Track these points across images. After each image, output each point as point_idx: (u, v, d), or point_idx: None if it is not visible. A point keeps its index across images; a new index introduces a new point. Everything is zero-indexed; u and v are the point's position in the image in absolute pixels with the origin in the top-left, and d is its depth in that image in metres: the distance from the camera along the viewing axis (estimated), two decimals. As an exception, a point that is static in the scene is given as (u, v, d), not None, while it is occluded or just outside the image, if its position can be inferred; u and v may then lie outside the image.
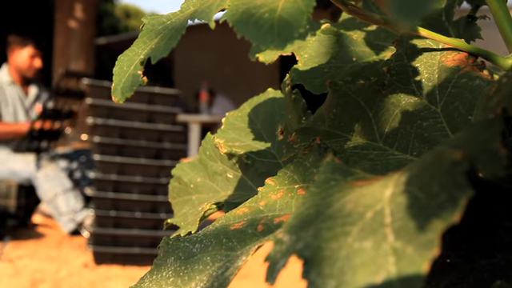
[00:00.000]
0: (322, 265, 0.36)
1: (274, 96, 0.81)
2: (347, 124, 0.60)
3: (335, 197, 0.43)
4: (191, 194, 0.85)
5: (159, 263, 0.58)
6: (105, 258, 3.33)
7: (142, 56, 0.54)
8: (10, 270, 3.04)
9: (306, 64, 0.69)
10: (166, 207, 3.45)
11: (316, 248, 0.37)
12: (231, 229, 0.56)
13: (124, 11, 24.05)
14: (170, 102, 3.54)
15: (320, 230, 0.39)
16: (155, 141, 3.48)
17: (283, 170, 0.58)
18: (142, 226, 3.41)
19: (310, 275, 0.36)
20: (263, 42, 0.46)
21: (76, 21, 8.15)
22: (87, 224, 3.93)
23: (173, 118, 3.54)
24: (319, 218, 0.41)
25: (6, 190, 4.28)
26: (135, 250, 3.37)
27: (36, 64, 4.61)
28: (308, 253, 0.37)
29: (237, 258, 0.52)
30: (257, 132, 0.79)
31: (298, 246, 0.39)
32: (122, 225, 3.39)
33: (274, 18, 0.46)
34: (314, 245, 0.38)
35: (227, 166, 0.80)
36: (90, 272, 3.15)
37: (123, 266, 3.32)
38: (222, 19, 0.48)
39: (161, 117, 3.50)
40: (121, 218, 3.38)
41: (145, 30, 0.57)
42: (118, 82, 0.55)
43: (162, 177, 3.46)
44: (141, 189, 3.42)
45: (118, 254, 3.34)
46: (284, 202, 0.56)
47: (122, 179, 3.39)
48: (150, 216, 3.42)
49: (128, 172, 3.42)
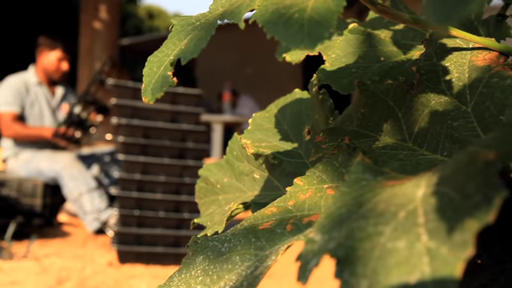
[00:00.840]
0: (355, 264, 0.36)
1: (301, 96, 0.81)
2: (376, 124, 0.60)
3: (366, 196, 0.43)
4: (218, 194, 0.85)
5: (188, 262, 0.58)
6: (129, 257, 3.35)
7: (172, 57, 0.54)
8: (37, 267, 3.07)
9: (334, 64, 0.69)
10: (189, 207, 3.45)
11: (349, 248, 0.37)
12: (260, 228, 0.56)
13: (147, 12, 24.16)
14: (194, 102, 3.54)
15: (352, 230, 0.39)
16: (179, 141, 3.49)
17: (312, 170, 0.58)
18: (165, 226, 3.42)
19: (343, 274, 0.36)
20: (293, 42, 0.46)
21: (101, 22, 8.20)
22: (111, 223, 3.96)
23: (196, 118, 3.55)
24: (351, 217, 0.41)
25: (32, 189, 4.32)
26: (159, 249, 3.38)
27: (63, 67, 4.66)
28: (341, 252, 0.37)
29: (266, 258, 0.52)
30: (284, 132, 0.79)
31: (330, 245, 0.39)
32: (145, 224, 3.40)
33: (303, 18, 0.46)
34: (347, 244, 0.38)
35: (254, 167, 0.81)
36: (115, 270, 3.17)
37: (147, 264, 3.34)
38: (252, 20, 0.48)
39: (184, 117, 3.51)
40: (144, 217, 3.39)
41: (174, 31, 0.58)
42: (147, 83, 0.55)
43: (185, 176, 3.47)
44: (164, 188, 3.44)
45: (142, 253, 3.36)
46: (313, 201, 0.56)
47: (145, 179, 3.41)
48: (173, 215, 3.42)
49: (152, 172, 3.43)
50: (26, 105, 4.59)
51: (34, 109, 4.61)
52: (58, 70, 4.64)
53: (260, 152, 0.77)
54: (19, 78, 4.64)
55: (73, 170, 4.25)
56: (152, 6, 26.36)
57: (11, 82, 4.61)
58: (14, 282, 2.77)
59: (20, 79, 4.64)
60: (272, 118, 0.82)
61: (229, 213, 0.75)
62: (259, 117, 0.85)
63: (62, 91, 4.78)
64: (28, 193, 4.30)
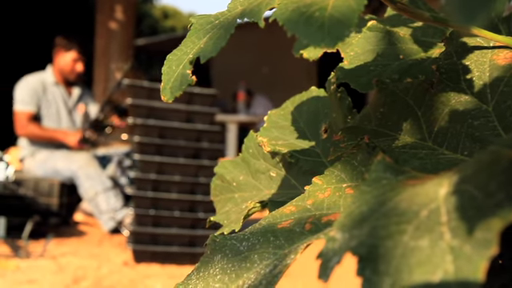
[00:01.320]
0: (377, 262, 0.36)
1: (318, 94, 0.80)
2: (395, 123, 0.60)
3: (388, 195, 0.42)
4: (234, 192, 0.85)
5: (206, 260, 0.58)
6: (144, 257, 3.36)
7: (191, 55, 0.54)
8: (53, 266, 3.09)
9: (352, 62, 0.69)
10: (204, 206, 3.46)
11: (371, 246, 0.37)
12: (278, 227, 0.56)
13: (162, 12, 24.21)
14: (209, 101, 3.55)
15: (374, 228, 0.39)
16: (194, 140, 3.50)
17: (330, 169, 0.58)
18: (180, 225, 3.43)
19: (366, 272, 0.36)
20: (314, 40, 0.46)
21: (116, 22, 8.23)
22: (127, 222, 3.97)
23: (211, 118, 3.55)
24: (372, 216, 0.40)
25: (49, 188, 4.34)
26: (174, 248, 3.39)
27: (78, 68, 4.68)
28: (363, 250, 0.37)
29: (285, 257, 0.52)
30: (300, 130, 0.79)
31: (351, 243, 0.39)
32: (161, 224, 3.41)
33: (324, 16, 0.46)
34: (369, 243, 0.37)
35: (270, 165, 0.80)
36: (130, 270, 3.18)
37: (162, 264, 3.34)
38: (272, 18, 0.48)
39: (199, 117, 3.51)
40: (160, 216, 3.40)
41: (193, 30, 0.58)
42: (166, 82, 0.55)
43: (200, 176, 3.48)
44: (179, 188, 3.44)
45: (157, 253, 3.37)
46: (332, 200, 0.56)
47: (161, 178, 3.41)
48: (188, 215, 3.43)
49: (167, 171, 3.44)
50: (43, 104, 4.61)
51: (50, 109, 4.64)
52: (72, 71, 4.67)
53: (276, 150, 0.76)
54: (36, 78, 4.67)
55: (89, 169, 4.27)
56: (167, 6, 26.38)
57: (28, 81, 4.64)
58: (31, 281, 2.79)
59: (37, 79, 4.67)
60: (288, 115, 0.82)
61: (246, 211, 0.75)
62: (275, 114, 0.84)
63: (78, 91, 4.81)
64: (44, 192, 4.32)
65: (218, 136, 3.58)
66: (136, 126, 3.44)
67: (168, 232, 3.39)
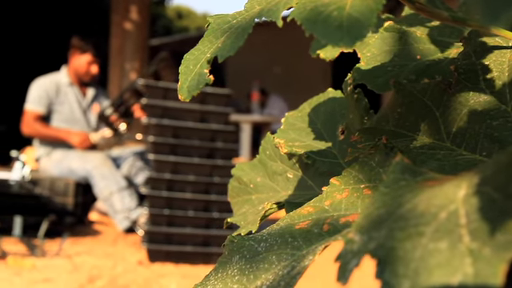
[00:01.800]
0: (396, 265, 0.36)
1: (335, 96, 0.80)
2: (413, 123, 0.59)
3: (406, 197, 0.42)
4: (251, 194, 0.85)
5: (224, 261, 0.58)
6: (158, 256, 3.36)
7: (209, 55, 0.54)
8: (69, 265, 3.10)
9: (369, 63, 0.69)
10: (218, 206, 3.46)
11: (389, 248, 0.37)
12: (296, 228, 0.56)
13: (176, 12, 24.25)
14: (223, 101, 3.55)
15: (392, 230, 0.38)
16: (208, 140, 3.50)
17: (348, 170, 0.57)
18: (194, 225, 3.43)
19: (384, 275, 0.36)
20: (332, 40, 0.45)
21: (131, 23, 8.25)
22: (141, 222, 3.98)
23: (225, 118, 3.56)
24: (391, 218, 0.40)
25: (64, 187, 4.36)
26: (188, 248, 3.40)
27: (93, 71, 4.71)
28: (381, 253, 0.37)
29: (303, 258, 0.52)
30: (317, 132, 0.79)
31: (370, 245, 0.38)
32: (175, 223, 3.41)
33: (342, 15, 0.46)
34: (387, 245, 0.37)
35: (287, 166, 0.80)
36: (145, 269, 3.19)
37: (176, 263, 3.35)
38: (290, 18, 0.48)
39: (214, 116, 3.52)
40: (174, 216, 3.41)
41: (210, 29, 0.58)
42: (184, 81, 0.55)
43: (214, 176, 3.48)
44: (194, 188, 3.45)
45: (172, 252, 3.37)
46: (350, 201, 0.55)
47: (175, 178, 3.42)
48: (202, 215, 3.44)
49: (181, 171, 3.44)
50: (56, 105, 4.64)
51: (64, 109, 4.66)
52: (87, 73, 4.69)
53: (293, 151, 0.76)
54: (50, 79, 4.70)
55: (103, 169, 4.28)
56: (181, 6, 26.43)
57: (42, 82, 4.67)
58: (46, 279, 2.80)
59: (51, 80, 4.69)
60: (305, 117, 0.82)
61: (262, 212, 0.75)
62: (292, 116, 0.84)
63: (93, 92, 4.83)
64: (60, 192, 4.34)
65: (232, 136, 3.58)
66: (151, 126, 3.45)
67: (182, 232, 3.40)
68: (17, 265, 3.02)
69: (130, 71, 8.21)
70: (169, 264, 3.33)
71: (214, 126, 3.50)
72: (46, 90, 4.62)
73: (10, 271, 2.90)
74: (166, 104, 3.45)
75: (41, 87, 4.64)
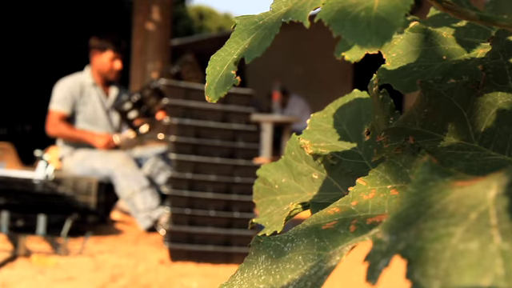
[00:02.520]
0: (426, 265, 0.36)
1: (360, 96, 0.80)
2: (440, 124, 0.59)
3: (435, 197, 0.42)
4: (276, 195, 0.85)
5: (250, 261, 0.58)
6: (180, 255, 3.37)
7: (235, 56, 0.54)
8: (92, 264, 3.12)
9: (394, 63, 0.68)
10: (239, 206, 3.46)
11: (419, 249, 0.37)
12: (322, 228, 0.56)
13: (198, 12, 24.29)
14: (245, 101, 3.55)
15: (422, 231, 0.38)
16: (229, 140, 3.51)
17: (374, 171, 0.57)
18: (215, 224, 3.44)
19: (414, 275, 0.36)
20: (360, 40, 0.45)
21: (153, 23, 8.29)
22: (163, 221, 4.00)
23: (247, 118, 3.55)
24: (420, 218, 0.40)
25: (87, 187, 4.39)
26: (209, 247, 3.40)
27: (116, 66, 4.72)
28: (411, 253, 0.37)
29: (330, 258, 0.52)
30: (342, 132, 0.79)
31: (399, 246, 0.38)
32: (196, 223, 3.42)
33: (370, 16, 0.46)
34: (417, 245, 0.37)
35: (312, 167, 0.80)
36: (166, 268, 3.20)
37: (197, 263, 3.36)
38: (317, 18, 0.48)
39: (235, 116, 3.52)
40: (195, 216, 3.41)
41: (237, 30, 0.58)
42: (211, 82, 0.55)
43: (235, 176, 3.48)
44: (215, 187, 3.45)
45: (193, 252, 3.38)
46: (376, 202, 0.55)
47: (196, 178, 3.43)
48: (223, 214, 3.44)
49: (203, 171, 3.45)
50: (80, 106, 4.67)
51: (87, 110, 4.69)
52: (111, 70, 4.72)
53: (318, 152, 0.76)
54: (74, 80, 4.74)
55: (126, 168, 4.30)
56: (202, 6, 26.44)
57: (66, 82, 4.71)
58: (69, 278, 2.82)
59: (75, 80, 4.73)
60: (330, 118, 0.82)
61: (287, 213, 0.75)
62: (317, 117, 0.84)
63: (116, 92, 4.86)
64: (83, 191, 4.37)
65: (253, 136, 3.58)
66: (172, 126, 3.46)
67: (203, 231, 3.40)
68: (40, 263, 3.04)
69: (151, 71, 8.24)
70: (190, 263, 3.34)
71: (235, 126, 3.50)
72: (70, 91, 4.66)
73: (34, 269, 2.92)
74: (187, 104, 3.45)
75: (65, 88, 4.68)
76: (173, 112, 3.47)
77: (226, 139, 3.50)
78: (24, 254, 3.15)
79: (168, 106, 3.48)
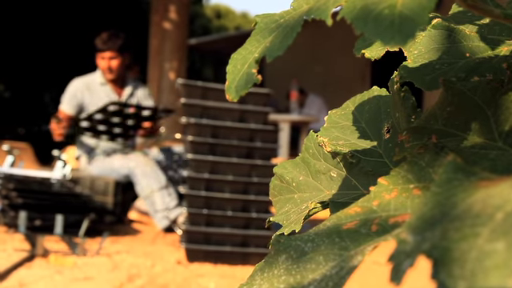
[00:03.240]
0: (451, 266, 0.35)
1: (380, 94, 0.79)
2: (463, 123, 0.58)
3: (460, 197, 0.42)
4: (293, 193, 0.84)
5: (270, 261, 0.57)
6: (197, 256, 3.37)
7: (257, 54, 0.54)
8: (109, 264, 3.13)
9: (416, 60, 0.68)
10: (256, 206, 3.45)
11: (445, 249, 0.36)
12: (344, 228, 0.55)
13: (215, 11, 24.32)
14: (262, 101, 3.54)
15: (447, 231, 0.38)
16: (247, 140, 3.50)
17: (396, 170, 0.57)
18: (233, 225, 3.43)
19: (440, 276, 0.35)
20: (383, 38, 0.45)
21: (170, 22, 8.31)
22: (180, 221, 4.00)
23: (264, 117, 3.55)
24: (445, 218, 0.39)
25: (104, 186, 4.41)
26: (226, 248, 3.39)
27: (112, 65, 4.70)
28: (436, 253, 0.36)
29: (351, 258, 0.51)
30: (362, 130, 0.78)
31: (424, 246, 0.38)
32: (213, 223, 3.42)
33: (394, 13, 0.45)
34: (442, 245, 0.37)
35: (331, 165, 0.79)
36: (183, 269, 3.20)
37: (215, 263, 3.35)
38: (340, 16, 0.48)
39: (253, 116, 3.51)
40: (213, 216, 3.41)
41: (258, 29, 0.57)
42: (231, 80, 0.55)
43: (253, 176, 3.47)
44: (232, 187, 3.45)
45: (210, 252, 3.38)
46: (399, 202, 0.55)
47: (214, 178, 3.42)
48: (241, 215, 3.43)
49: (220, 171, 3.44)
50: (89, 106, 4.69)
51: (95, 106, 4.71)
52: (108, 69, 4.70)
53: (337, 150, 0.76)
54: (83, 80, 4.77)
55: (146, 167, 4.31)
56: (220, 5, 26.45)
57: (74, 83, 4.76)
58: (87, 278, 2.83)
59: (84, 81, 4.76)
60: (349, 115, 0.81)
61: (306, 212, 0.75)
62: (335, 114, 0.84)
63: (129, 90, 4.86)
64: (100, 190, 4.39)
65: (271, 135, 3.56)
66: (189, 125, 3.46)
67: (220, 231, 3.39)
68: (58, 263, 3.06)
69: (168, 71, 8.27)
70: (207, 264, 3.34)
71: (252, 126, 3.49)
72: (75, 92, 4.70)
73: (52, 269, 2.94)
74: (204, 103, 3.45)
75: (72, 89, 4.74)
76: (190, 111, 3.46)
77: (244, 139, 3.49)
78: (42, 254, 3.17)
79: (185, 106, 3.48)
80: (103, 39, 4.68)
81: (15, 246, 3.30)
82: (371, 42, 0.72)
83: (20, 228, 3.49)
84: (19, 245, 3.41)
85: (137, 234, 4.19)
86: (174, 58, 8.33)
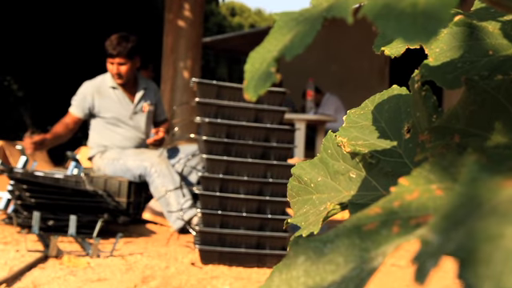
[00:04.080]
0: (478, 266, 0.35)
1: (400, 93, 0.78)
2: (486, 122, 0.57)
3: (485, 197, 0.41)
4: (311, 194, 0.84)
5: (288, 263, 0.57)
6: (211, 257, 3.34)
7: (276, 53, 0.53)
8: (122, 265, 3.13)
9: (438, 59, 0.67)
10: (272, 207, 3.42)
11: (471, 249, 0.36)
12: (364, 229, 0.54)
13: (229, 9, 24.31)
14: (278, 100, 3.52)
15: (473, 231, 0.37)
16: (262, 139, 3.47)
17: (418, 170, 0.56)
18: (248, 226, 3.40)
19: (466, 276, 0.35)
20: (406, 36, 0.44)
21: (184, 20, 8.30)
22: (194, 222, 3.98)
23: (280, 117, 3.51)
24: (470, 218, 0.39)
25: (118, 187, 4.41)
26: (241, 249, 3.37)
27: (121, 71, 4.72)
28: (462, 254, 0.36)
29: (372, 260, 0.50)
30: (381, 130, 0.77)
31: (449, 246, 0.37)
32: (228, 224, 3.39)
33: (416, 11, 0.45)
34: (469, 246, 0.36)
35: (350, 166, 0.79)
36: (198, 270, 3.18)
37: (229, 265, 3.34)
38: (361, 14, 0.47)
39: (268, 115, 3.49)
40: (227, 217, 3.38)
41: (276, 27, 0.57)
42: (250, 79, 0.54)
43: (268, 176, 3.44)
44: (247, 188, 3.42)
45: (224, 253, 3.35)
46: (420, 202, 0.54)
47: (228, 178, 3.40)
48: (256, 215, 3.40)
49: (235, 171, 3.42)
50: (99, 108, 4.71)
51: (107, 111, 4.73)
52: (116, 75, 4.73)
53: (356, 150, 0.75)
54: (94, 82, 4.79)
55: (161, 167, 4.31)
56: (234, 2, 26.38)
57: (84, 86, 4.79)
58: (101, 279, 2.83)
59: (94, 83, 4.77)
60: (368, 114, 0.80)
61: (325, 213, 0.74)
62: (354, 114, 0.83)
63: (141, 92, 4.86)
64: (114, 191, 4.39)
65: (287, 135, 3.53)
66: (204, 125, 3.44)
67: (235, 232, 3.37)
68: (72, 264, 3.06)
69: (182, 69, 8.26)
70: (222, 265, 3.32)
71: (268, 125, 3.46)
72: (85, 95, 4.73)
73: (65, 270, 2.94)
74: (219, 102, 3.43)
75: (82, 92, 4.77)
76: (204, 111, 3.44)
77: (259, 139, 3.46)
78: (55, 255, 3.17)
79: (199, 105, 3.46)
80: (113, 44, 4.67)
81: (28, 247, 3.30)
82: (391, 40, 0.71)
83: (33, 229, 3.50)
84: (32, 245, 3.42)
85: (151, 234, 4.18)
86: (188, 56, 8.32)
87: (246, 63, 0.56)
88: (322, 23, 0.51)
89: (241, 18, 24.26)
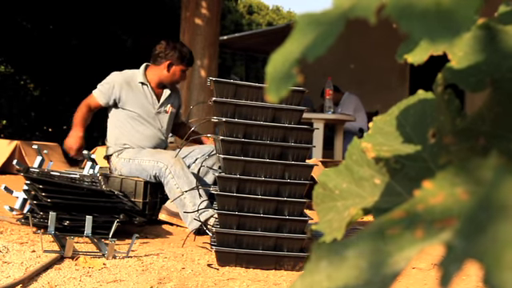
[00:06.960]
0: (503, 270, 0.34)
1: (425, 97, 0.77)
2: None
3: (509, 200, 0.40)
4: (336, 201, 0.83)
5: (311, 267, 0.56)
6: (228, 259, 3.31)
7: (297, 54, 0.52)
8: (138, 266, 3.12)
9: (461, 62, 0.66)
10: (290, 207, 3.39)
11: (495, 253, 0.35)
12: (387, 233, 0.53)
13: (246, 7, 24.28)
14: (297, 99, 3.49)
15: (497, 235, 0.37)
16: (280, 139, 3.44)
17: (442, 173, 0.55)
18: (265, 227, 3.38)
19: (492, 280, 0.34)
20: (429, 36, 0.43)
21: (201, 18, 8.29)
22: (211, 223, 3.95)
23: (299, 116, 3.48)
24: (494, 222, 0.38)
25: (134, 187, 4.41)
26: (259, 250, 3.34)
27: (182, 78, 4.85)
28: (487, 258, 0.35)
29: (395, 263, 0.49)
30: (406, 135, 0.76)
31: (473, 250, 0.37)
32: (245, 225, 3.37)
33: (440, 10, 0.44)
34: (493, 250, 0.36)
35: (374, 171, 0.78)
36: (214, 272, 3.17)
37: (246, 267, 3.31)
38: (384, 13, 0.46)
39: (286, 114, 3.46)
40: (244, 217, 3.36)
41: (298, 28, 0.56)
42: (271, 81, 0.54)
43: (286, 176, 3.41)
44: (265, 188, 3.39)
45: (241, 255, 3.32)
46: (444, 206, 0.53)
47: (246, 178, 3.38)
48: (273, 216, 3.38)
49: (252, 171, 3.39)
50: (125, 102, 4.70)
51: (134, 107, 4.71)
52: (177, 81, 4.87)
53: (381, 156, 0.74)
54: (125, 75, 4.77)
55: (176, 167, 4.30)
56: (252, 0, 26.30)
57: (114, 75, 4.77)
58: (117, 280, 2.83)
59: (125, 76, 4.76)
60: (393, 120, 0.80)
61: (348, 218, 0.73)
62: (380, 120, 0.82)
63: (168, 92, 4.86)
64: (130, 191, 4.39)
65: (305, 135, 3.49)
66: (221, 124, 3.42)
67: (252, 234, 3.34)
68: (87, 265, 3.06)
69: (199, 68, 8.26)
70: (238, 267, 3.30)
71: (286, 125, 3.44)
72: (114, 84, 4.71)
73: (81, 271, 2.94)
74: (236, 102, 3.41)
75: (111, 80, 4.75)
76: (221, 110, 3.43)
77: (277, 138, 3.43)
78: (71, 256, 3.17)
79: (216, 104, 3.44)
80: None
81: (44, 247, 3.30)
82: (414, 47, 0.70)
83: (49, 229, 3.51)
84: (48, 246, 3.42)
85: (167, 235, 4.17)
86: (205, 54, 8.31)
87: (267, 64, 0.56)
88: (344, 24, 0.50)
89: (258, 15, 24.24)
